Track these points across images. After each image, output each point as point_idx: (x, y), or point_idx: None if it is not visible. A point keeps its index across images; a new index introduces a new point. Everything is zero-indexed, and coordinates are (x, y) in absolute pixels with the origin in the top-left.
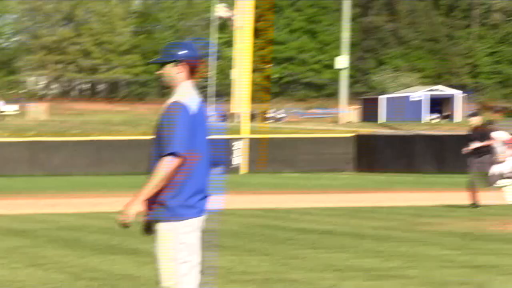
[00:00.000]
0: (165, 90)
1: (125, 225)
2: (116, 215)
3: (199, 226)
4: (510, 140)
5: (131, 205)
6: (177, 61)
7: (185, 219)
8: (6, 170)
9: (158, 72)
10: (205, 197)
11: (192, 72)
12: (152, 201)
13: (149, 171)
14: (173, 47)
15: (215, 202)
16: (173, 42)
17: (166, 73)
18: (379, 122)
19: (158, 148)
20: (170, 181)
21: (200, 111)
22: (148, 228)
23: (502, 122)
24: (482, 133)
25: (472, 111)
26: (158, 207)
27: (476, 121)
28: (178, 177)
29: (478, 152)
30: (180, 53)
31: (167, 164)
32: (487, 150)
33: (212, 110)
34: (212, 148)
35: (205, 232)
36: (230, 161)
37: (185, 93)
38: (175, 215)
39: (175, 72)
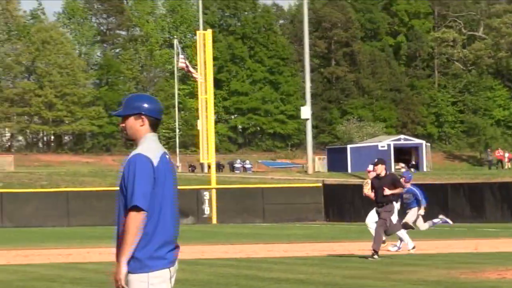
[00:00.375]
0: (130, 142)
1: None
2: (89, 266)
3: (170, 276)
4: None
5: (118, 271)
6: (138, 113)
7: (155, 271)
8: None
9: (120, 125)
10: (175, 247)
11: (154, 125)
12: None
13: (116, 223)
14: (134, 99)
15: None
16: (134, 95)
17: (128, 125)
18: (348, 171)
19: (123, 201)
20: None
21: (165, 162)
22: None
23: (469, 171)
24: (392, 181)
25: (377, 159)
26: (128, 259)
27: (380, 169)
28: (146, 229)
29: (386, 199)
30: (141, 105)
31: (133, 220)
32: (393, 199)
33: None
34: (181, 199)
35: (178, 282)
36: (201, 211)
37: (148, 145)
38: (144, 267)
39: (137, 125)
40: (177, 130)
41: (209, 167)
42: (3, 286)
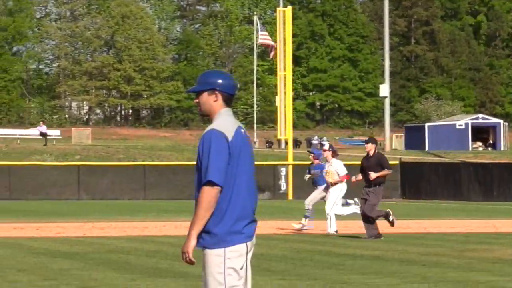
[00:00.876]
0: (205, 117)
1: (190, 263)
2: (165, 240)
3: (247, 251)
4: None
5: (186, 244)
6: (212, 89)
7: (232, 245)
8: (53, 194)
9: (195, 101)
10: (252, 222)
11: (228, 100)
12: None
13: (194, 198)
14: (207, 75)
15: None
16: (207, 71)
17: (202, 101)
18: (425, 150)
19: (199, 176)
20: (214, 209)
21: (240, 138)
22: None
23: None
24: (378, 161)
25: (368, 138)
26: (205, 235)
27: (370, 147)
28: (220, 204)
29: (372, 181)
30: (214, 81)
31: (206, 194)
32: (381, 181)
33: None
34: (258, 174)
35: (254, 257)
36: (278, 187)
37: (222, 120)
38: (222, 242)
39: (211, 101)
40: (255, 106)
41: (286, 143)
42: (79, 258)
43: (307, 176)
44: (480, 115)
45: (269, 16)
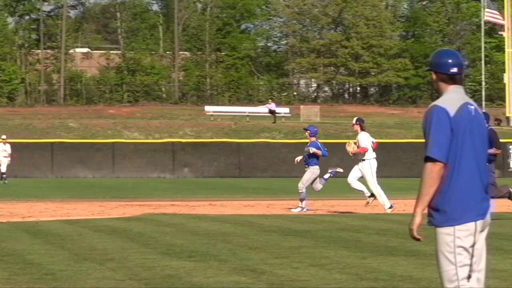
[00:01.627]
0: (436, 94)
1: (416, 239)
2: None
3: (478, 229)
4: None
5: (411, 221)
6: (429, 70)
7: (461, 223)
8: (282, 172)
9: (431, 79)
10: (484, 200)
11: (449, 79)
12: (428, 207)
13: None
14: (432, 55)
15: (492, 204)
16: (435, 51)
17: (432, 80)
18: None
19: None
20: (440, 186)
21: (467, 114)
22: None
23: None
24: (488, 137)
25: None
26: (434, 212)
27: None
28: (446, 180)
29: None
30: (431, 61)
31: (427, 170)
32: (491, 158)
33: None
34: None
35: (486, 236)
36: (507, 165)
37: (446, 97)
38: (451, 219)
39: (434, 79)
40: (483, 83)
41: None
42: (309, 235)
43: (298, 158)
44: None
45: None
